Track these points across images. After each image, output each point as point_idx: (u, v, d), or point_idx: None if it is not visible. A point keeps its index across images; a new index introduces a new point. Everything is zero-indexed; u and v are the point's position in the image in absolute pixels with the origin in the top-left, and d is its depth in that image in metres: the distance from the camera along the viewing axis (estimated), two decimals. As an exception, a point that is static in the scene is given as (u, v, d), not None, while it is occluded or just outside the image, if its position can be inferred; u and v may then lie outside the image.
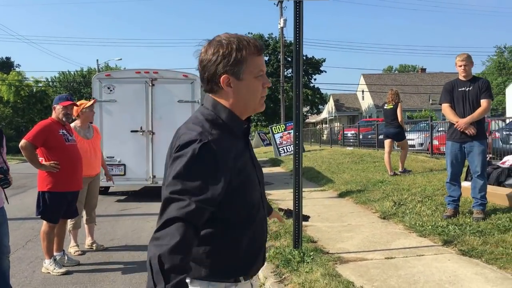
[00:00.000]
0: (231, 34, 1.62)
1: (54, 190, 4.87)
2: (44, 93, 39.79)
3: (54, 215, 4.95)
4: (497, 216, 5.77)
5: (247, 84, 1.59)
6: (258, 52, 1.61)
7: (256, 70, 1.60)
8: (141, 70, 10.02)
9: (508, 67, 63.05)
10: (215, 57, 1.56)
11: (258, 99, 1.64)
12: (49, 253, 5.02)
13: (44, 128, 4.90)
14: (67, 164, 4.93)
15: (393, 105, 10.52)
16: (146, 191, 11.46)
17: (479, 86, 5.93)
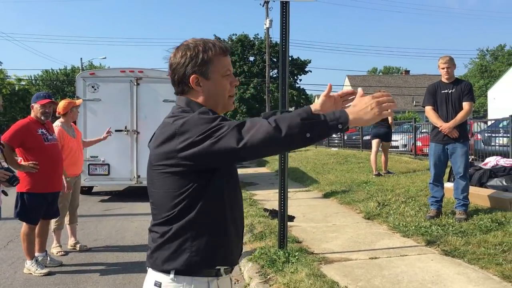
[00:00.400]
0: (197, 38, 1.75)
1: (32, 191, 4.77)
2: (26, 92, 39.24)
3: (33, 216, 4.85)
4: (479, 216, 5.85)
5: (215, 82, 1.71)
6: (224, 53, 1.72)
7: (223, 70, 1.72)
8: (126, 69, 9.94)
9: (490, 70, 64.04)
10: (183, 59, 1.69)
11: (227, 97, 1.75)
12: (30, 254, 4.94)
13: (21, 128, 4.79)
14: (47, 164, 4.81)
15: None
16: (130, 191, 11.37)
17: (461, 89, 6.02)
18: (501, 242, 4.83)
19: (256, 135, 1.48)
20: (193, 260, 1.65)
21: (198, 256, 1.66)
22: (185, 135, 1.57)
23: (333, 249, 5.17)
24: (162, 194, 1.71)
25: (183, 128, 1.58)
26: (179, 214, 1.66)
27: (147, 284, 1.76)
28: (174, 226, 1.67)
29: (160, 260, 1.70)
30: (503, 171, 7.02)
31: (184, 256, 1.66)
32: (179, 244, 1.66)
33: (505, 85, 32.80)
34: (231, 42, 43.66)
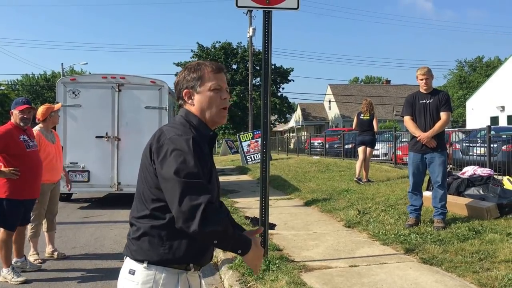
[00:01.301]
0: (200, 61, 2.05)
1: (12, 197, 4.71)
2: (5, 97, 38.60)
3: (12, 222, 4.79)
4: (457, 225, 5.94)
5: (204, 96, 1.95)
6: (215, 71, 1.97)
7: (212, 84, 1.94)
8: (108, 75, 9.86)
9: (468, 81, 65.21)
10: (181, 77, 2.01)
11: (216, 109, 1.96)
12: (7, 262, 4.85)
13: (4, 134, 4.73)
14: (27, 171, 4.77)
15: (370, 115, 10.97)
16: (110, 198, 11.24)
17: (439, 99, 6.13)
18: (478, 250, 4.91)
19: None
20: (165, 257, 1.83)
21: (170, 254, 1.83)
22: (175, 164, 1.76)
23: (313, 257, 5.19)
24: (146, 189, 1.86)
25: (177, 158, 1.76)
26: (158, 212, 1.83)
27: (123, 272, 1.91)
28: (152, 223, 1.84)
29: (135, 251, 1.86)
30: (480, 180, 7.15)
31: (158, 251, 1.83)
32: (154, 240, 1.83)
33: (483, 96, 33.42)
34: (214, 50, 43.74)
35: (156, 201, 1.82)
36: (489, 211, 6.23)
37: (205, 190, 1.71)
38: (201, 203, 1.67)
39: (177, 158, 1.74)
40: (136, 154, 9.76)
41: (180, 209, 1.68)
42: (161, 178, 1.77)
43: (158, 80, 10.06)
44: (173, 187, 1.71)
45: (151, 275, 1.83)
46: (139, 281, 1.83)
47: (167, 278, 1.84)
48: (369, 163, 11.27)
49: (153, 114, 9.70)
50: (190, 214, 1.67)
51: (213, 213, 1.69)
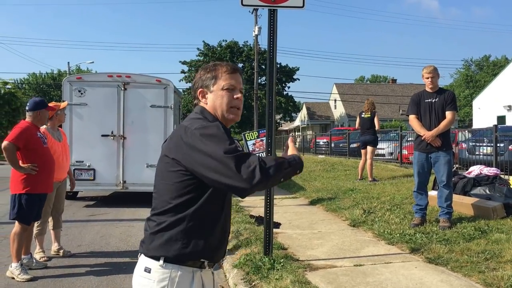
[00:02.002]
0: (217, 62, 2.14)
1: (31, 192, 4.92)
2: (12, 95, 38.70)
3: (29, 216, 4.97)
4: (463, 224, 5.92)
5: (216, 94, 2.02)
6: (230, 71, 2.04)
7: (225, 84, 2.01)
8: (114, 74, 9.89)
9: (475, 80, 64.94)
10: (198, 77, 2.09)
11: (227, 107, 2.02)
12: (18, 257, 4.92)
13: (25, 129, 4.95)
14: (44, 166, 5.01)
15: (371, 114, 11.03)
16: (116, 197, 11.28)
17: (444, 98, 6.10)
18: (484, 250, 4.89)
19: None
20: (183, 251, 1.87)
21: (188, 249, 1.87)
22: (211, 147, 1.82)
23: (318, 256, 5.18)
24: (166, 186, 1.92)
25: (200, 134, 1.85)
26: (179, 207, 1.88)
27: (138, 270, 1.95)
28: (171, 217, 1.88)
29: (152, 246, 1.89)
30: (487, 180, 7.11)
31: (175, 246, 1.87)
32: (172, 235, 1.87)
33: (490, 95, 33.24)
34: (220, 49, 43.79)
35: (178, 197, 1.88)
36: (496, 211, 6.20)
37: (248, 154, 1.80)
38: (255, 164, 1.75)
39: (216, 141, 1.81)
40: (142, 152, 9.90)
41: (242, 177, 1.73)
42: (204, 164, 1.79)
43: (164, 79, 10.08)
44: (226, 165, 1.75)
45: (166, 273, 1.86)
46: (155, 279, 1.87)
47: (183, 276, 1.88)
48: (372, 162, 11.19)
49: (158, 112, 9.72)
50: (252, 175, 1.73)
51: (266, 164, 1.78)
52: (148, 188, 9.75)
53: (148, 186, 9.71)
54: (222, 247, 2.02)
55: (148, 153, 9.66)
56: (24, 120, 5.15)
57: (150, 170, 9.63)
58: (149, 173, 9.62)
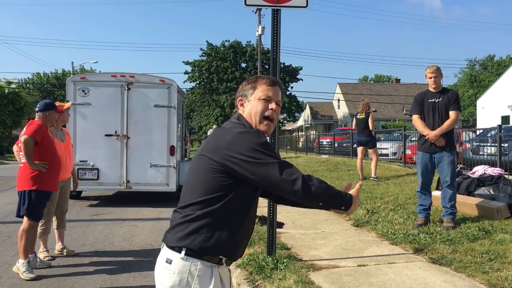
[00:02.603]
0: (260, 75, 2.39)
1: (41, 188, 5.02)
2: (16, 95, 38.82)
3: (39, 213, 5.07)
4: (467, 225, 5.90)
5: (251, 103, 2.15)
6: (269, 83, 2.16)
7: (262, 95, 2.13)
8: (117, 74, 9.91)
9: (479, 79, 64.72)
10: (240, 88, 2.24)
11: (260, 116, 2.12)
12: (25, 254, 4.95)
13: (41, 125, 5.12)
14: (54, 164, 5.15)
15: (365, 115, 11.17)
16: (120, 196, 11.31)
17: (448, 98, 6.08)
18: (488, 250, 4.87)
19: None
20: (205, 245, 1.93)
21: (211, 242, 1.93)
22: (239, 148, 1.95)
23: (321, 256, 5.18)
24: (198, 181, 2.00)
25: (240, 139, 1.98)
26: (207, 201, 1.95)
27: (160, 261, 2.02)
28: (198, 211, 1.96)
29: (176, 237, 1.97)
30: (491, 180, 7.08)
31: (198, 238, 1.93)
32: (197, 227, 1.94)
33: (494, 95, 33.12)
34: (223, 48, 43.78)
35: (208, 193, 1.96)
36: (500, 211, 6.18)
37: (293, 166, 1.95)
38: (298, 175, 1.91)
39: (256, 144, 1.95)
40: (145, 152, 9.92)
41: (283, 178, 1.89)
42: (249, 166, 1.92)
43: (167, 78, 10.09)
44: (270, 166, 1.90)
45: (187, 266, 1.93)
46: (175, 271, 1.94)
47: (202, 270, 1.94)
48: (376, 161, 11.33)
49: (162, 112, 9.73)
50: (295, 181, 1.89)
51: (310, 180, 1.93)
52: (151, 187, 9.79)
53: (151, 186, 9.75)
54: (242, 246, 2.10)
55: (151, 152, 9.68)
56: (31, 119, 5.27)
57: (153, 169, 9.65)
58: (152, 172, 9.65)
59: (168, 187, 9.69)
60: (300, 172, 1.93)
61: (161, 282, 1.99)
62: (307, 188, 1.90)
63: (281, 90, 2.21)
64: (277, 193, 2.01)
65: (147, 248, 6.15)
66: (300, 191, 1.89)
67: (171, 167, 9.66)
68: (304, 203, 2.03)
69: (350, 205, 2.02)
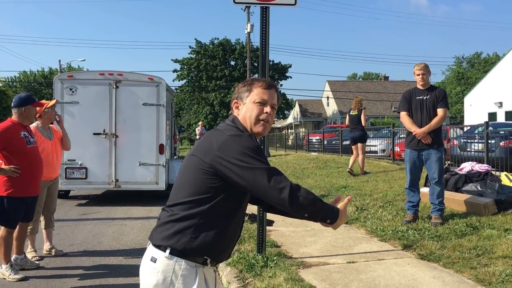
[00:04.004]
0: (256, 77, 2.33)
1: (13, 195, 4.68)
2: (3, 93, 38.41)
3: (13, 220, 4.78)
4: (455, 221, 5.95)
5: (246, 106, 2.14)
6: (265, 87, 2.15)
7: (257, 98, 2.12)
8: (105, 72, 9.82)
9: (466, 77, 65.28)
10: (236, 90, 2.24)
11: (255, 119, 2.11)
12: (6, 258, 4.84)
13: (5, 130, 4.70)
14: (28, 168, 4.75)
15: (358, 111, 11.53)
16: (108, 195, 11.24)
17: (436, 95, 6.13)
18: (476, 246, 4.92)
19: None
20: (189, 246, 1.93)
21: (195, 244, 1.94)
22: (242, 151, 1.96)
23: (311, 254, 5.19)
24: (187, 181, 2.01)
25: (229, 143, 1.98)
26: (195, 202, 1.96)
27: (145, 259, 2.02)
28: (185, 211, 1.96)
29: (161, 235, 1.97)
30: (478, 176, 7.15)
31: (183, 239, 1.93)
32: (183, 227, 1.94)
33: (481, 92, 33.42)
34: (212, 46, 43.67)
35: (196, 194, 1.96)
36: (487, 207, 6.24)
37: (282, 174, 1.95)
38: (286, 183, 1.91)
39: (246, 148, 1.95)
40: (134, 150, 9.85)
41: (271, 186, 1.90)
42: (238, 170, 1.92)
43: (156, 76, 10.04)
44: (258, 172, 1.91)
45: (171, 265, 1.93)
46: (159, 270, 1.94)
47: (186, 270, 1.94)
48: (364, 157, 11.69)
49: (150, 110, 9.68)
50: (282, 189, 1.89)
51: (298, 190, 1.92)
52: (140, 186, 9.74)
53: (140, 185, 9.70)
54: (228, 249, 2.09)
55: (140, 151, 9.63)
56: (10, 118, 4.92)
57: (142, 168, 9.60)
58: (141, 171, 9.59)
59: (158, 185, 9.65)
60: (288, 181, 1.92)
61: (146, 280, 1.99)
62: (294, 198, 1.90)
63: (277, 93, 2.20)
64: (265, 200, 2.00)
65: (136, 247, 6.12)
66: (287, 200, 1.89)
67: (160, 165, 9.62)
68: (290, 213, 2.00)
69: (336, 219, 2.02)
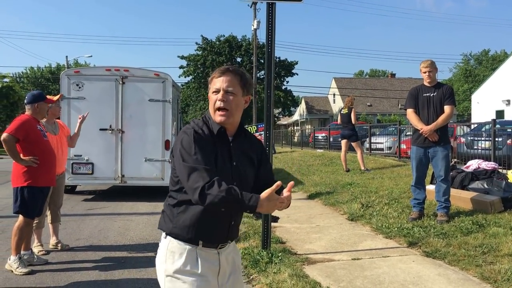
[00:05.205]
0: (221, 67, 2.28)
1: (33, 185, 4.89)
2: (10, 89, 38.58)
3: (32, 210, 4.94)
4: (461, 218, 5.93)
5: (209, 98, 2.25)
6: (217, 75, 2.21)
7: (212, 88, 2.21)
8: (112, 68, 9.86)
9: (474, 74, 64.84)
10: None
11: (212, 109, 2.22)
12: (17, 250, 4.91)
13: (25, 122, 4.94)
14: (45, 159, 4.98)
15: (348, 110, 11.78)
16: (114, 191, 11.29)
17: (443, 92, 6.09)
18: (481, 244, 4.90)
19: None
20: (173, 231, 2.20)
21: (177, 229, 2.19)
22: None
23: (316, 250, 5.19)
24: (171, 174, 2.23)
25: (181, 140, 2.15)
26: (173, 194, 2.23)
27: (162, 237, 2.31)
28: (168, 202, 2.25)
29: (160, 220, 2.31)
30: (485, 174, 7.11)
31: (169, 226, 2.22)
32: (167, 215, 2.25)
33: (489, 90, 33.20)
34: (219, 43, 43.65)
35: (173, 185, 2.22)
36: (493, 205, 6.21)
37: (203, 171, 2.02)
38: (199, 184, 1.99)
39: (182, 146, 2.11)
40: (140, 146, 9.88)
41: (189, 185, 2.04)
42: (175, 165, 2.15)
43: (162, 72, 10.06)
44: (183, 170, 2.07)
45: (166, 243, 2.22)
46: (161, 247, 2.26)
47: (175, 248, 2.19)
48: (361, 153, 11.92)
49: (156, 106, 9.70)
50: (195, 190, 2.00)
51: (209, 189, 1.98)
52: (146, 182, 9.77)
53: (146, 180, 9.73)
54: (218, 230, 2.21)
55: (146, 147, 9.66)
56: (23, 113, 5.13)
57: (148, 164, 9.63)
58: (147, 167, 9.63)
59: (163, 181, 9.67)
60: (203, 181, 1.98)
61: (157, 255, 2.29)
62: (204, 199, 1.98)
63: (237, 76, 2.19)
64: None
65: (142, 242, 6.14)
66: (199, 201, 2.00)
67: (166, 161, 9.63)
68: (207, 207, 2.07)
69: (254, 209, 1.99)
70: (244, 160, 2.28)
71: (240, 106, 2.23)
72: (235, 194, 1.97)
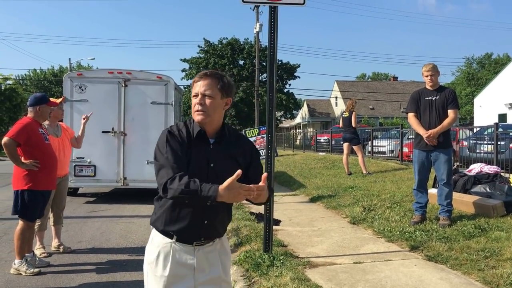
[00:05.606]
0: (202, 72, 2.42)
1: (34, 188, 4.88)
2: (13, 91, 38.65)
3: (32, 213, 4.94)
4: (463, 222, 5.91)
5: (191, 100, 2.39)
6: (196, 80, 2.36)
7: (194, 91, 2.35)
8: (114, 70, 9.88)
9: (476, 77, 64.72)
10: None
11: (192, 111, 2.35)
12: (21, 253, 4.92)
13: (26, 125, 4.92)
14: (46, 163, 4.97)
15: (349, 113, 11.87)
16: (117, 193, 11.30)
17: (446, 96, 6.08)
18: (484, 248, 4.89)
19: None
20: (154, 223, 2.42)
21: (158, 223, 2.39)
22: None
23: (318, 253, 5.18)
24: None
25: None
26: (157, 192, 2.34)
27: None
28: (156, 196, 2.40)
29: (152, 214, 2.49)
30: (487, 178, 7.10)
31: (152, 217, 2.44)
32: (154, 209, 2.44)
33: (491, 93, 33.14)
34: (221, 46, 43.72)
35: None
36: (496, 209, 6.20)
37: (169, 168, 2.19)
38: (163, 180, 2.17)
39: (157, 145, 2.31)
40: (142, 149, 9.90)
41: (157, 181, 2.24)
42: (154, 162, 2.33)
43: (164, 75, 10.08)
44: (155, 167, 2.28)
45: (152, 234, 2.45)
46: (150, 236, 2.47)
47: (154, 238, 2.41)
48: (362, 156, 12.02)
49: (159, 109, 9.72)
50: (160, 185, 2.20)
51: (170, 184, 2.15)
52: (148, 184, 9.77)
53: (148, 183, 9.73)
54: (186, 229, 2.33)
55: (148, 149, 9.65)
56: (25, 116, 5.12)
57: (150, 166, 9.62)
58: (149, 169, 9.62)
59: (165, 184, 9.67)
60: (169, 176, 2.17)
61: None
62: (167, 193, 2.17)
63: (215, 80, 2.32)
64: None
65: (144, 245, 6.10)
66: (163, 195, 2.20)
67: (168, 164, 9.63)
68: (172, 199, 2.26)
69: (214, 199, 2.08)
70: (226, 162, 2.34)
71: (219, 108, 2.33)
72: (193, 186, 2.10)
